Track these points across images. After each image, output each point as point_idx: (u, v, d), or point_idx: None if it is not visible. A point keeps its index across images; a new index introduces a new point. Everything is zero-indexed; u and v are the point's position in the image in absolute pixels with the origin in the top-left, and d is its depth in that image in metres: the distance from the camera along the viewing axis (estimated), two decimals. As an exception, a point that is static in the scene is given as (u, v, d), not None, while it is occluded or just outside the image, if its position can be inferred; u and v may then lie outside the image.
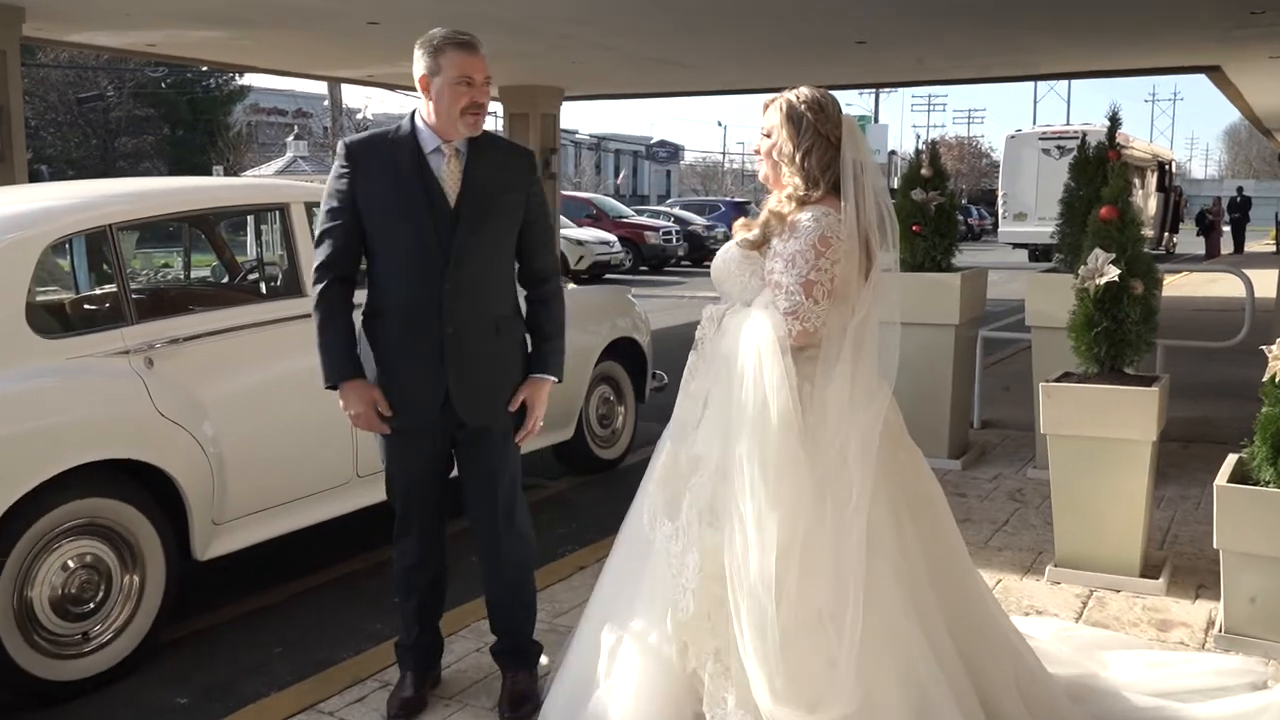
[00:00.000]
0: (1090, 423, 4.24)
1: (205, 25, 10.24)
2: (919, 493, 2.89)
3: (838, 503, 2.67)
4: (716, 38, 10.72)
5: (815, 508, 2.67)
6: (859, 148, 2.81)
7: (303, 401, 4.43)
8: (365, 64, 13.39)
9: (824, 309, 2.71)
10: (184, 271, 6.01)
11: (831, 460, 2.70)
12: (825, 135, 2.79)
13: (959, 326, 6.17)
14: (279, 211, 4.75)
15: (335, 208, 3.10)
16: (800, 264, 2.71)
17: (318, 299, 3.11)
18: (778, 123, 2.83)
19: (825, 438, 2.71)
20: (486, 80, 3.12)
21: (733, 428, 2.73)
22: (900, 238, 6.33)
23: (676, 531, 2.79)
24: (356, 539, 5.12)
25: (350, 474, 4.62)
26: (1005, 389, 8.29)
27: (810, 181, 2.78)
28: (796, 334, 2.71)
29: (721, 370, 2.79)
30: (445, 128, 3.09)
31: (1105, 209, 4.25)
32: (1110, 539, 4.31)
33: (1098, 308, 4.21)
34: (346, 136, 3.26)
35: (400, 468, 3.27)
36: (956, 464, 6.18)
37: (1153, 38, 10.75)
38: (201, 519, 4.04)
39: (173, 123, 38.03)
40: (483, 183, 3.12)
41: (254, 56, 12.88)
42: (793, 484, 2.67)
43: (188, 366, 4.10)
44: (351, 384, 3.12)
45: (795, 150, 2.80)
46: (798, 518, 2.65)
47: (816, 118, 2.79)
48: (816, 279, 2.70)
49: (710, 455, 2.77)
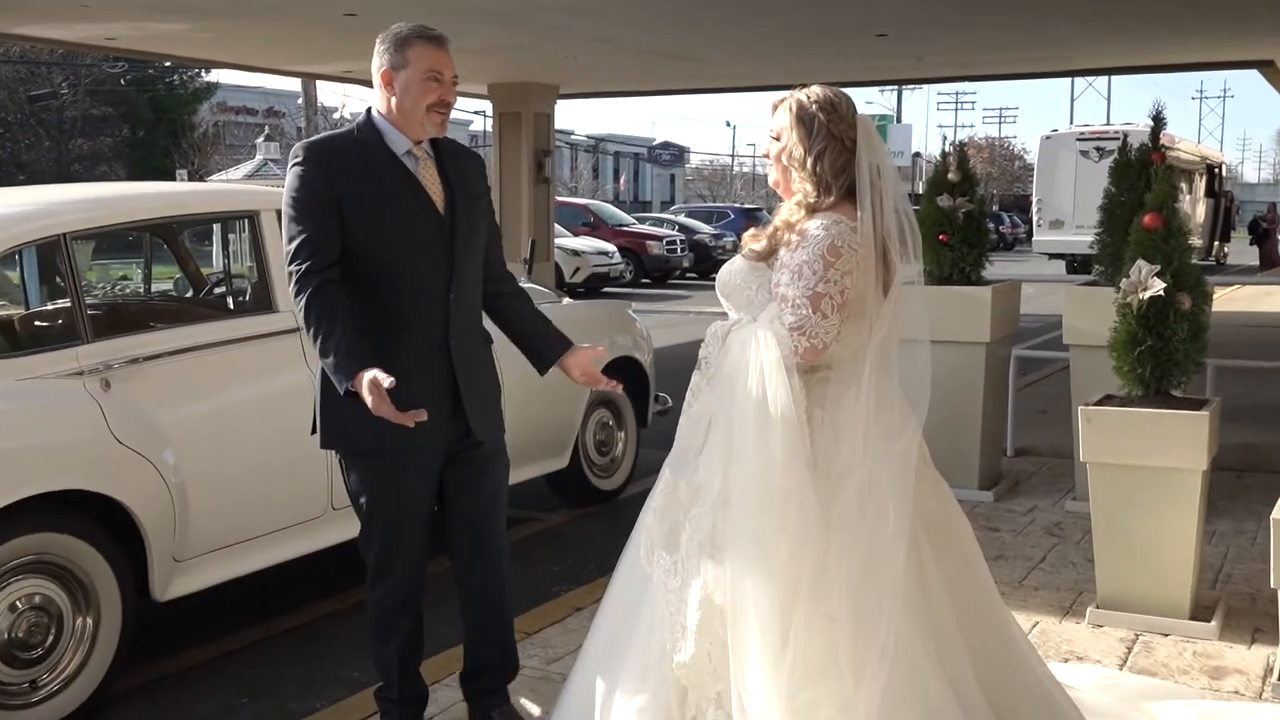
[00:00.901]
0: (1134, 450, 4.23)
1: (169, 17, 10.31)
2: (944, 528, 2.88)
3: (854, 539, 2.66)
4: (725, 29, 10.77)
5: (823, 540, 2.66)
6: (876, 150, 2.82)
7: (274, 427, 4.42)
8: (342, 59, 13.45)
9: (834, 324, 2.72)
10: (144, 285, 6.02)
11: (849, 493, 2.69)
12: (839, 137, 2.80)
13: (990, 345, 6.17)
14: (248, 219, 4.76)
15: (308, 210, 3.04)
16: (807, 275, 2.72)
17: (311, 302, 2.98)
18: (787, 124, 2.85)
19: (837, 467, 2.71)
20: (454, 80, 3.17)
21: (735, 453, 2.74)
22: (925, 248, 6.39)
23: (675, 565, 2.79)
24: (329, 578, 5.11)
25: (324, 506, 4.61)
26: (1041, 413, 8.27)
27: (822, 187, 2.80)
28: (804, 351, 2.71)
29: (725, 391, 2.79)
30: (410, 126, 3.12)
31: (1149, 216, 4.26)
32: (1158, 578, 4.29)
33: (1141, 324, 4.21)
34: (301, 140, 3.27)
35: (391, 498, 3.22)
36: (988, 495, 6.17)
37: (1201, 29, 10.80)
38: (161, 556, 4.03)
39: (133, 123, 38.20)
40: (463, 186, 3.19)
41: (222, 51, 12.95)
42: (799, 514, 2.66)
43: (148, 389, 4.10)
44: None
45: (806, 154, 2.81)
46: (805, 550, 2.65)
47: (829, 118, 2.80)
48: (825, 291, 2.71)
49: (712, 483, 2.77)
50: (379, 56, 3.12)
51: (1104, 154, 22.99)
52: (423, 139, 3.15)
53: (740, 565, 2.69)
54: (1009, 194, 57.07)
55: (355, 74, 15.08)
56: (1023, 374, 8.32)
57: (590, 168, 57.68)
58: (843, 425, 2.73)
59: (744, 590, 2.67)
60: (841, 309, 2.73)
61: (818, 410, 2.75)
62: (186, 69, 37.97)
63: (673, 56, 12.27)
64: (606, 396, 6.39)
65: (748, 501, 2.70)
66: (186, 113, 39.15)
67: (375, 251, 3.07)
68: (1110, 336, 4.33)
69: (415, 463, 3.19)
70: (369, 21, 10.32)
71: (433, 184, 3.14)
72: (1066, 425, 5.70)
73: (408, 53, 3.09)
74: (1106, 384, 4.55)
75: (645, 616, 2.82)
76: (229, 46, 12.31)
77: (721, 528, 2.74)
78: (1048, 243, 27.02)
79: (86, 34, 11.57)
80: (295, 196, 3.07)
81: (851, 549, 2.66)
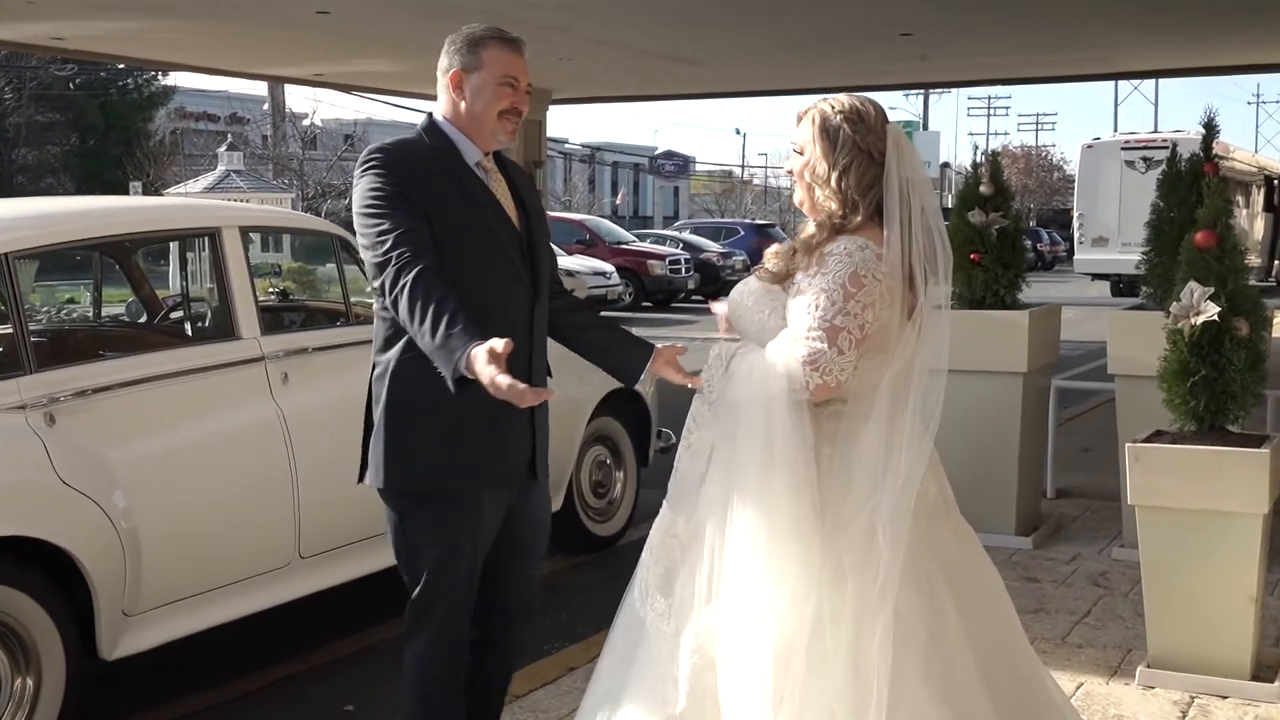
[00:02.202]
0: (1188, 492, 4.23)
1: (123, 15, 10.37)
2: (969, 580, 2.88)
3: (860, 588, 2.66)
4: (733, 29, 10.84)
5: (832, 592, 2.66)
6: (908, 163, 2.82)
7: (236, 468, 4.42)
8: (313, 60, 13.53)
9: (850, 360, 2.72)
10: (93, 309, 6.03)
11: (857, 536, 2.69)
12: (866, 150, 2.81)
13: (1027, 375, 6.18)
14: (209, 238, 4.78)
15: (396, 209, 2.96)
16: (825, 305, 2.72)
17: (419, 283, 2.84)
18: (810, 138, 2.86)
19: (848, 510, 2.71)
20: (528, 89, 3.21)
21: (735, 491, 2.75)
22: (955, 268, 6.40)
23: (669, 610, 2.79)
24: (294, 635, 5.09)
25: (291, 555, 4.60)
26: (1085, 450, 8.27)
27: (848, 205, 2.81)
28: (815, 388, 2.71)
29: (728, 422, 2.80)
30: (480, 133, 3.13)
31: (1201, 233, 4.27)
32: (1215, 634, 4.28)
33: (1194, 353, 4.21)
34: (372, 144, 3.25)
35: (467, 546, 3.13)
36: (1027, 542, 6.16)
37: (1258, 28, 10.85)
38: (110, 610, 4.02)
39: (82, 130, 38.37)
40: (531, 200, 3.26)
41: (181, 52, 13.02)
42: (802, 560, 2.67)
43: (97, 424, 4.10)
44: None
45: (830, 169, 2.82)
46: (807, 601, 2.65)
47: (855, 129, 2.81)
48: (843, 325, 2.71)
49: (711, 522, 2.78)
50: (448, 57, 3.15)
51: (1151, 164, 23.06)
52: (491, 149, 3.18)
53: (736, 613, 2.69)
54: (1047, 208, 57.24)
55: (328, 77, 15.17)
56: (1064, 407, 8.31)
57: (586, 179, 57.89)
58: (855, 465, 2.74)
59: (739, 641, 2.67)
60: (860, 344, 2.73)
61: (827, 448, 2.75)
62: (142, 72, 38.17)
63: (676, 59, 12.34)
64: (604, 432, 6.38)
65: (747, 545, 2.70)
66: (141, 119, 39.29)
67: (463, 265, 3.04)
68: (1160, 366, 4.33)
69: (495, 500, 3.14)
70: (342, 20, 10.44)
71: (504, 196, 3.18)
72: (1113, 464, 5.69)
73: (482, 54, 3.12)
74: (1156, 418, 4.55)
75: (639, 664, 2.83)
76: (189, 47, 12.37)
77: (719, 571, 2.74)
78: (1090, 262, 27.07)
79: (31, 33, 11.63)
80: (379, 196, 3.00)
81: (852, 599, 2.67)
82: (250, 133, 41.51)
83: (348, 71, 14.54)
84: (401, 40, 11.52)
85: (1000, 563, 5.82)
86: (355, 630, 5.18)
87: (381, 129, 50.52)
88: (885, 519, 2.69)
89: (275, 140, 37.41)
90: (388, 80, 15.71)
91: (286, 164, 36.18)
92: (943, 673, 2.70)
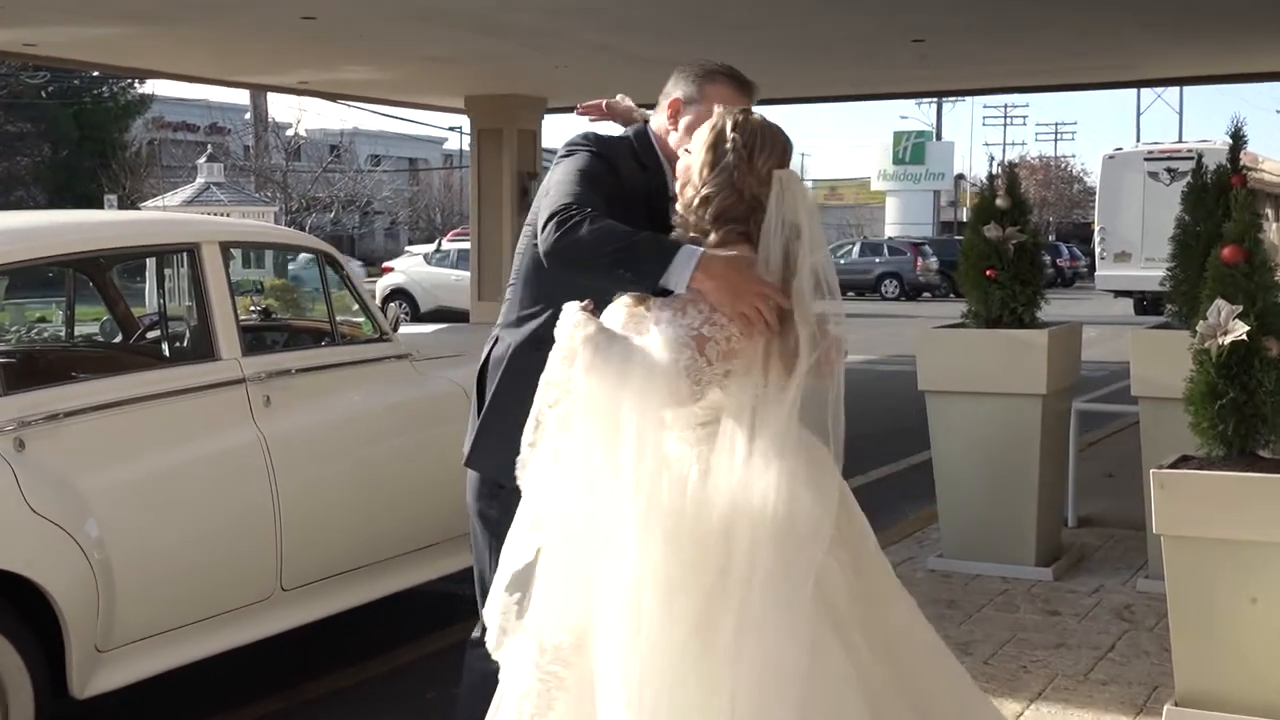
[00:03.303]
0: (1216, 520, 4.22)
1: (99, 20, 10.41)
2: (864, 614, 2.89)
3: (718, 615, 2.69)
4: (737, 34, 10.87)
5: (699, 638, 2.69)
6: (794, 208, 2.86)
7: (214, 495, 4.42)
8: (298, 68, 13.57)
9: (718, 371, 2.77)
10: (66, 329, 6.04)
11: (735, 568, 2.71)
12: (738, 188, 2.86)
13: (1047, 397, 6.17)
14: (188, 254, 4.78)
15: (590, 189, 2.99)
16: (693, 314, 2.78)
17: (597, 221, 2.87)
18: (703, 144, 2.91)
19: (724, 539, 2.73)
20: None
21: (582, 506, 2.78)
22: (971, 286, 6.44)
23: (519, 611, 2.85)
24: (277, 669, 5.08)
25: (273, 587, 4.59)
26: (1108, 476, 8.26)
27: (699, 231, 2.87)
28: (685, 395, 2.76)
29: (577, 419, 2.80)
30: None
31: (1229, 248, 4.27)
32: (1246, 670, 4.26)
33: (1222, 374, 4.21)
34: (586, 131, 3.33)
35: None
36: (1047, 573, 6.15)
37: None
38: (82, 645, 4.01)
39: (54, 141, 38.44)
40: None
41: (159, 59, 13.07)
42: (666, 599, 2.69)
43: (69, 449, 4.10)
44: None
45: (700, 187, 2.88)
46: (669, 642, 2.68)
47: (738, 166, 2.85)
48: (710, 335, 2.76)
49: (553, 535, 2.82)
50: (675, 83, 3.27)
51: (1176, 176, 23.12)
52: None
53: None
54: (1067, 222, 57.29)
55: (314, 85, 15.21)
56: (1085, 431, 8.30)
57: (583, 192, 57.84)
58: (727, 488, 2.76)
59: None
60: (727, 357, 2.77)
61: (699, 466, 2.78)
62: (117, 80, 38.28)
63: (676, 65, 12.37)
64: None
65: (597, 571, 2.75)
66: (117, 130, 39.41)
67: None
68: (1186, 388, 4.33)
69: None
70: (328, 25, 10.47)
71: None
72: (1137, 491, 5.68)
73: (706, 88, 3.21)
74: (1183, 443, 4.54)
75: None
76: (167, 54, 12.42)
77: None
78: (1112, 278, 27.10)
79: (1, 40, 11.67)
80: (579, 172, 3.05)
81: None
82: (231, 143, 41.67)
83: (334, 79, 14.57)
84: (390, 46, 11.56)
85: (1019, 595, 5.85)
86: (343, 665, 5.17)
87: (369, 139, 50.70)
88: (745, 542, 2.73)
89: (257, 151, 37.55)
90: (375, 88, 15.77)
91: (269, 176, 36.31)
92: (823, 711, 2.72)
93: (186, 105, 44.69)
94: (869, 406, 13.04)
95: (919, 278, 36.59)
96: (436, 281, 24.87)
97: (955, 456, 6.22)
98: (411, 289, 25.39)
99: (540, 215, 3.00)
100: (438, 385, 5.43)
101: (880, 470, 9.39)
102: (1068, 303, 28.21)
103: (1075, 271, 43.17)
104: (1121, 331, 10.90)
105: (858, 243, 41.05)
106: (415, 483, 5.15)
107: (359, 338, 5.63)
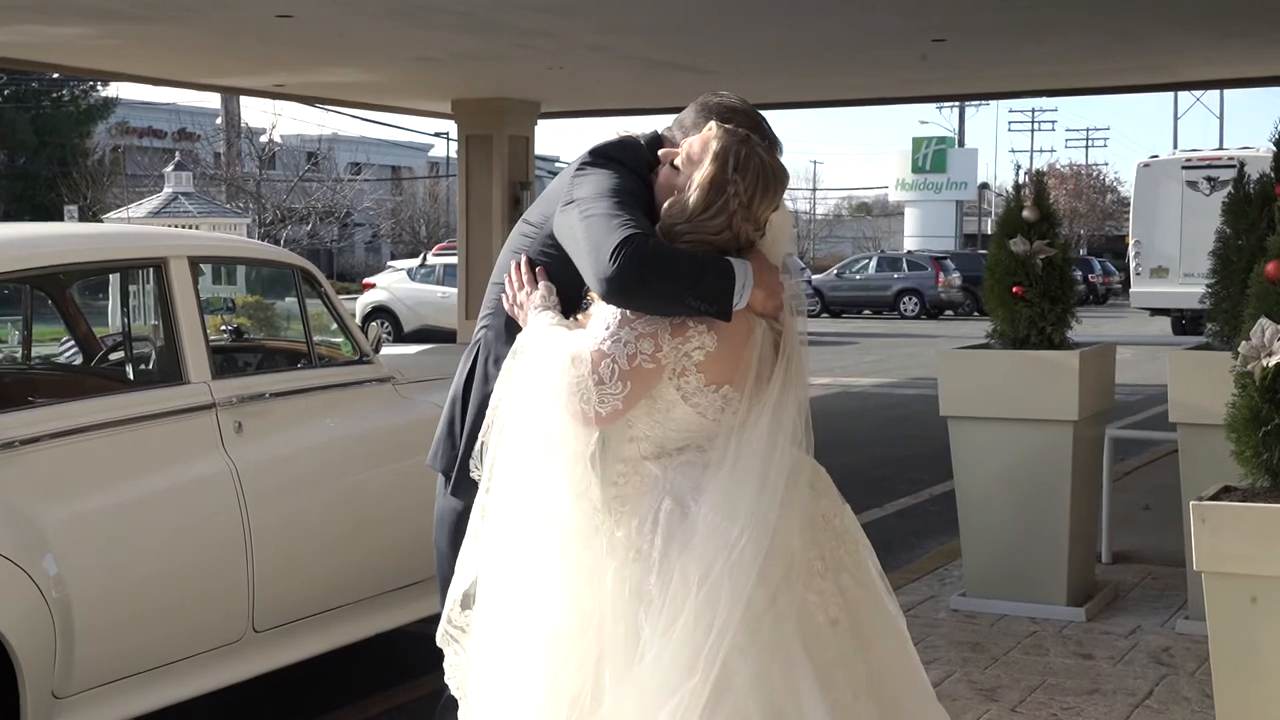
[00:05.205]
0: (1262, 556, 4.21)
1: (60, 19, 10.44)
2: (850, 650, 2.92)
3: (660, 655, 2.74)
4: (744, 34, 10.91)
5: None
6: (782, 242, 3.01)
7: (181, 529, 4.41)
8: (273, 70, 13.61)
9: (613, 391, 2.81)
10: (23, 350, 6.03)
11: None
12: (730, 213, 2.93)
13: (1078, 424, 6.18)
14: (154, 269, 4.79)
15: (634, 206, 3.08)
16: (640, 324, 2.85)
17: (654, 243, 2.99)
18: (714, 159, 2.97)
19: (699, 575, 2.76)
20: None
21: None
22: (996, 303, 6.45)
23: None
24: (272, 711, 5.07)
25: (243, 629, 4.59)
26: (1145, 509, 8.26)
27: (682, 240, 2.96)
28: (592, 416, 2.81)
29: (513, 437, 2.91)
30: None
31: (1273, 264, 4.28)
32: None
33: (1266, 398, 4.21)
34: (602, 144, 3.38)
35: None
36: (1080, 613, 6.14)
37: (1332, 33, 10.92)
38: (37, 691, 4.00)
39: (11, 148, 38.54)
40: None
41: (125, 61, 13.10)
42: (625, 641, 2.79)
43: (24, 480, 4.10)
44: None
45: (700, 204, 2.95)
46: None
47: (737, 204, 2.93)
48: (610, 351, 2.82)
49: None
50: (694, 123, 3.36)
51: (1216, 185, 23.18)
52: None
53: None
54: (1099, 235, 57.41)
55: (290, 88, 15.26)
56: (1120, 460, 8.31)
57: (579, 203, 58.00)
58: (708, 522, 2.80)
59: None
60: (626, 376, 2.82)
61: (677, 503, 2.83)
62: (79, 82, 38.43)
63: (680, 67, 12.41)
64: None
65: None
66: (78, 136, 39.51)
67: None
68: (1228, 413, 4.33)
69: None
70: (306, 24, 10.50)
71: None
72: (1176, 524, 5.68)
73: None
74: (1225, 473, 4.54)
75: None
76: (133, 55, 12.45)
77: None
78: (1148, 295, 27.12)
79: (-44, 40, 11.72)
80: (615, 187, 3.12)
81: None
82: (201, 150, 41.75)
83: (311, 82, 14.61)
84: (371, 47, 11.60)
85: (1049, 637, 5.85)
86: (342, 703, 5.17)
87: (349, 146, 50.81)
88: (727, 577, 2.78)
89: (229, 159, 37.62)
90: (356, 91, 15.81)
91: (242, 185, 36.39)
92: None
93: (153, 109, 44.81)
94: (886, 433, 13.08)
95: (940, 294, 36.59)
96: (421, 299, 24.90)
97: (980, 487, 6.22)
98: (394, 307, 25.40)
99: (589, 237, 3.04)
100: (422, 411, 5.42)
101: (899, 502, 9.39)
102: (1100, 321, 28.28)
103: (1108, 288, 43.27)
104: (1158, 352, 10.92)
105: (874, 257, 41.14)
106: (398, 516, 5.14)
107: (338, 360, 5.64)
